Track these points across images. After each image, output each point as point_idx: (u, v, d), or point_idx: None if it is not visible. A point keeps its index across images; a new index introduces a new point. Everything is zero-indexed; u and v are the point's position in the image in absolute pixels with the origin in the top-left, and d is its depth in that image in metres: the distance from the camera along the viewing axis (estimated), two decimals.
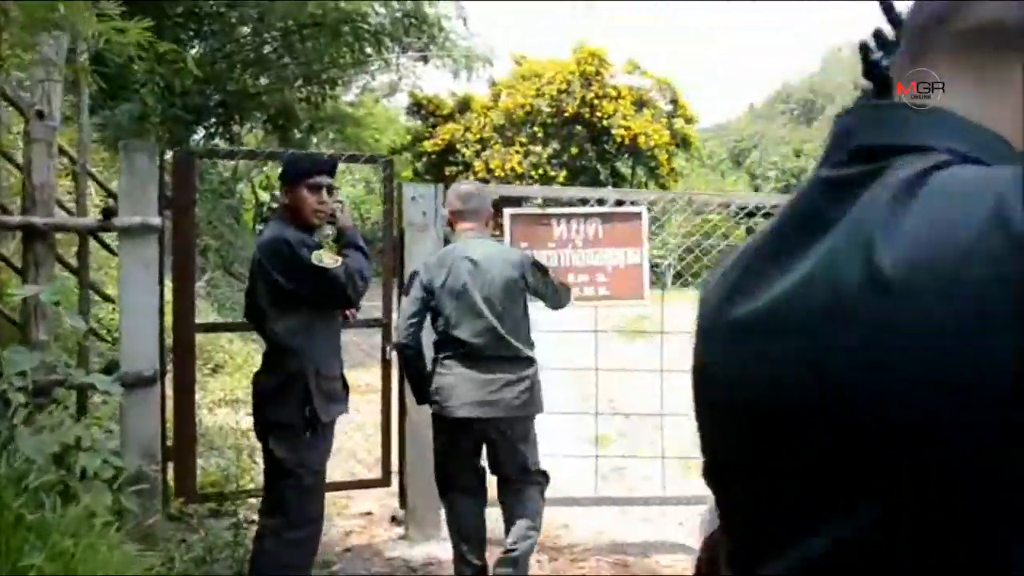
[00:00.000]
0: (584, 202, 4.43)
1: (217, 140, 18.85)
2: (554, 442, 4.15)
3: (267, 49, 18.75)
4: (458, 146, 21.66)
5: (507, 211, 4.30)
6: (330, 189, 3.24)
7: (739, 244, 0.72)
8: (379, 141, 23.10)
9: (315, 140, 21.30)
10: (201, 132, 17.54)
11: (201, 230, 15.93)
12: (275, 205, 17.17)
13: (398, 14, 19.53)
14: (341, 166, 4.32)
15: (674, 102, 22.10)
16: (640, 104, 21.26)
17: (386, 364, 4.22)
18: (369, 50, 20.10)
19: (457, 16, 20.37)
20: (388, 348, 4.20)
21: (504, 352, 3.41)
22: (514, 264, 3.48)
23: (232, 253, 13.50)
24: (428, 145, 22.07)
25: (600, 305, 4.34)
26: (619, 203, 4.45)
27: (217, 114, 17.46)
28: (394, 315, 4.22)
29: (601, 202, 4.42)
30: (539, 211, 4.49)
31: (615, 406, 6.29)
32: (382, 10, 19.30)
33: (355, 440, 5.69)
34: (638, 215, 4.27)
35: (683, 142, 21.75)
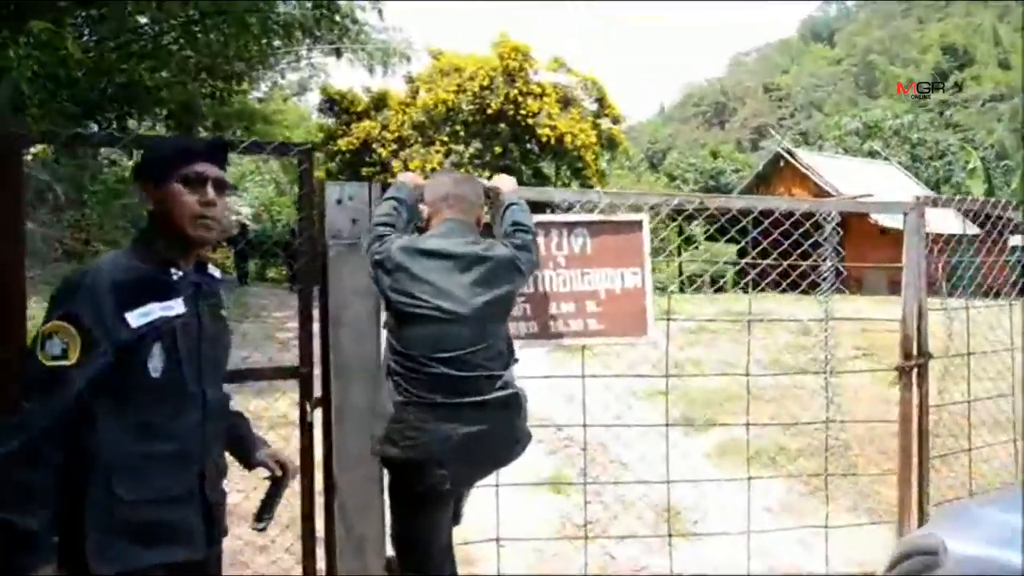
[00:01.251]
0: (550, 207, 3.37)
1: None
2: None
3: (167, 40, 17.36)
4: (374, 145, 20.41)
5: None
6: (220, 185, 2.11)
7: None
8: (290, 139, 21.79)
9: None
10: (93, 128, 15.96)
11: (92, 234, 14.33)
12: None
13: (309, 5, 18.37)
14: (245, 160, 3.08)
15: (600, 101, 21.28)
16: (565, 102, 20.37)
17: (306, 429, 3.06)
18: (278, 43, 18.91)
19: (372, 8, 19.25)
20: (309, 406, 3.05)
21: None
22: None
23: None
24: (342, 143, 20.76)
25: (590, 344, 3.26)
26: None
27: (111, 108, 15.91)
28: (316, 362, 3.08)
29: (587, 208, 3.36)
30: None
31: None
32: (292, 0, 18.11)
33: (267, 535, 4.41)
34: (638, 224, 3.21)
35: (609, 142, 20.95)
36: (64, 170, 10.79)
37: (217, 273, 2.25)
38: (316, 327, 3.13)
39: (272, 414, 4.78)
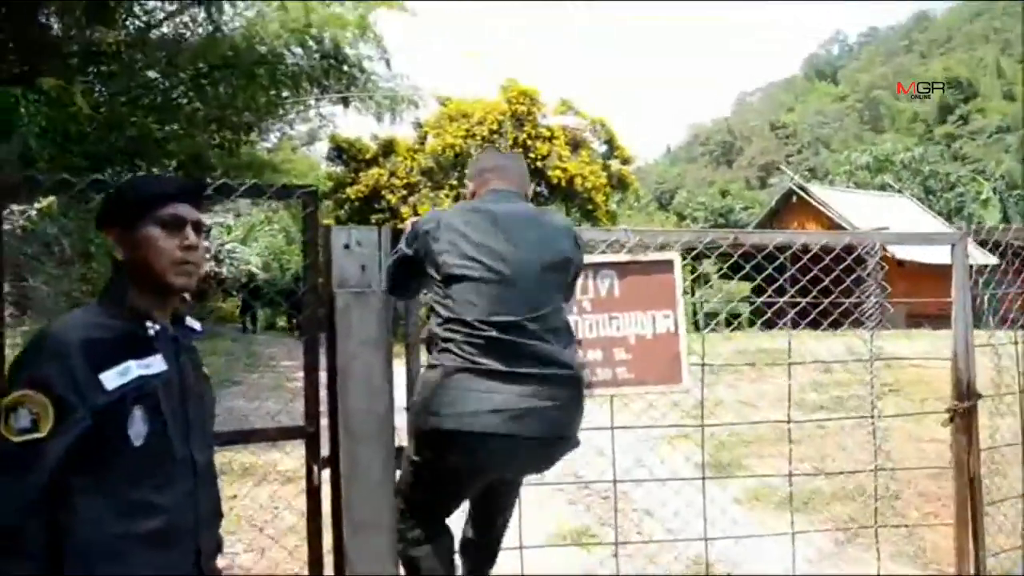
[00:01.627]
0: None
1: None
2: None
3: (176, 93, 17.45)
4: (383, 192, 20.30)
5: None
6: (198, 228, 1.88)
7: None
8: None
9: None
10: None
11: (97, 287, 14.16)
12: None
13: (316, 56, 18.42)
14: (255, 211, 2.86)
15: (609, 143, 21.18)
16: (575, 145, 20.27)
17: (313, 493, 2.82)
18: (287, 94, 18.96)
19: (379, 57, 19.29)
20: (316, 468, 2.81)
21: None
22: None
23: None
24: (351, 192, 20.65)
25: (619, 394, 3.01)
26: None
27: (120, 161, 15.90)
28: (323, 419, 2.85)
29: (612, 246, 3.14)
30: None
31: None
32: (299, 51, 18.18)
33: None
34: (668, 264, 2.99)
35: (619, 183, 20.81)
36: (72, 224, 10.67)
37: (197, 325, 2.01)
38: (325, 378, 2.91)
39: (276, 467, 4.55)
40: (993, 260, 4.11)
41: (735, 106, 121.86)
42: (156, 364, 1.79)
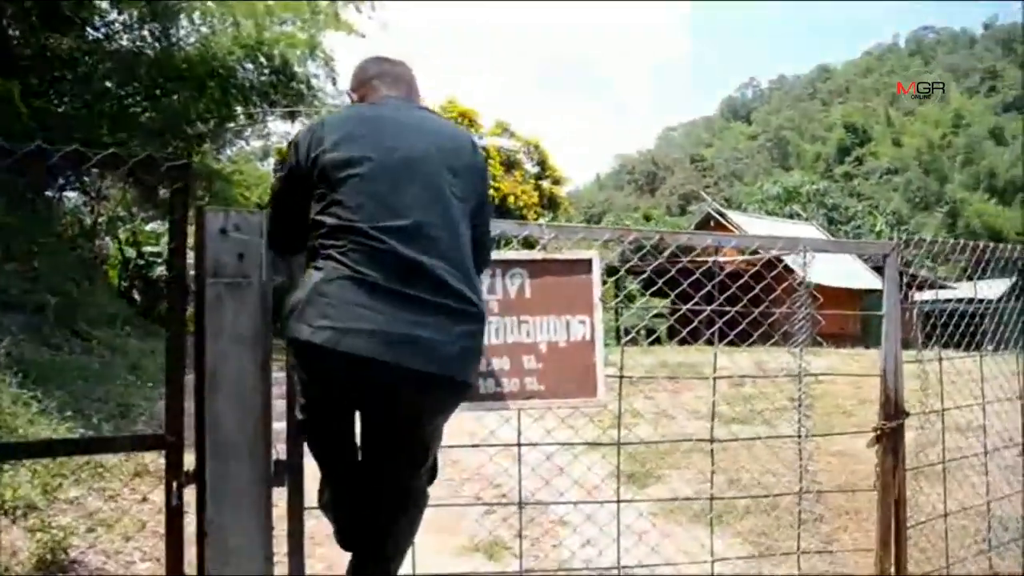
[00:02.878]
0: (496, 244, 2.63)
1: (71, 193, 16.66)
2: None
3: (129, 102, 16.66)
4: None
5: None
6: None
7: None
8: (248, 199, 20.90)
9: None
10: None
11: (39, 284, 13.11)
12: (141, 263, 14.54)
13: (266, 71, 17.78)
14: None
15: (542, 164, 20.80)
16: (509, 165, 19.84)
17: (174, 515, 2.23)
18: (238, 108, 18.29)
19: (327, 76, 18.68)
20: (176, 486, 2.22)
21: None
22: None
23: (80, 312, 10.91)
24: None
25: (527, 407, 2.47)
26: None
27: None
28: (187, 428, 2.27)
29: (528, 244, 2.64)
30: None
31: None
32: (250, 66, 17.52)
33: None
34: (587, 264, 2.49)
35: (551, 203, 20.44)
36: None
37: None
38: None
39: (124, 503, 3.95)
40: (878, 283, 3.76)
41: (659, 140, 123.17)
42: None
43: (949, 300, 3.59)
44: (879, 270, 3.36)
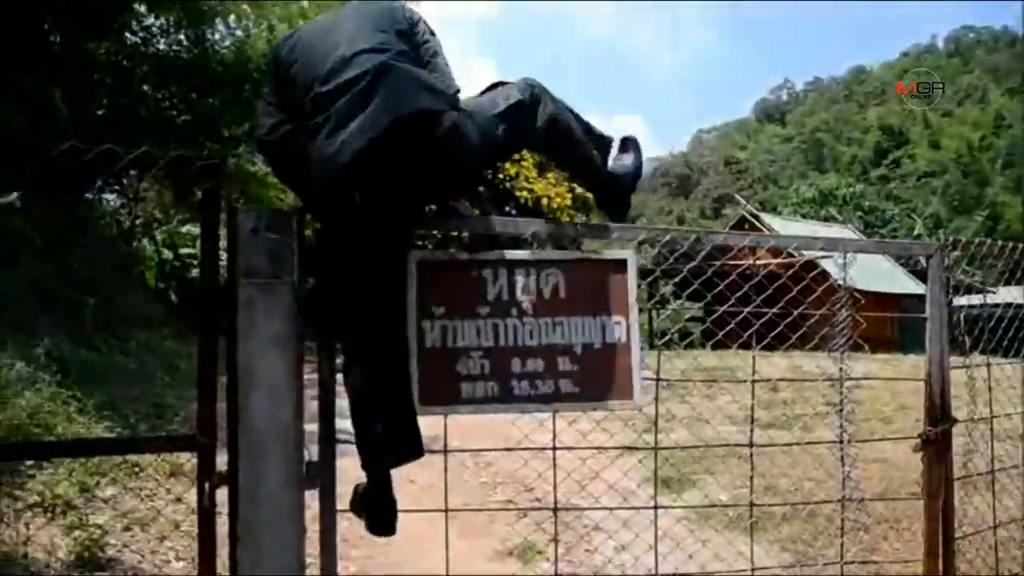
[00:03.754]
0: (529, 243, 2.58)
1: (109, 195, 16.94)
2: None
3: (166, 105, 16.95)
4: None
5: (412, 255, 2.41)
6: None
7: None
8: (283, 200, 21.09)
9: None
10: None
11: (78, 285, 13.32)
12: (177, 264, 14.55)
13: None
14: None
15: None
16: (541, 167, 19.74)
17: (206, 516, 2.21)
18: None
19: None
20: (207, 487, 2.20)
21: None
22: None
23: (118, 313, 11.04)
24: None
25: (562, 410, 2.42)
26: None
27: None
28: (220, 429, 2.25)
29: (556, 242, 2.59)
30: (463, 256, 2.54)
31: None
32: None
33: None
34: (623, 264, 2.43)
35: (584, 205, 20.29)
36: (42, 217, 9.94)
37: None
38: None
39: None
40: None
41: (692, 143, 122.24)
42: None
43: (998, 304, 3.45)
44: (916, 273, 3.27)
